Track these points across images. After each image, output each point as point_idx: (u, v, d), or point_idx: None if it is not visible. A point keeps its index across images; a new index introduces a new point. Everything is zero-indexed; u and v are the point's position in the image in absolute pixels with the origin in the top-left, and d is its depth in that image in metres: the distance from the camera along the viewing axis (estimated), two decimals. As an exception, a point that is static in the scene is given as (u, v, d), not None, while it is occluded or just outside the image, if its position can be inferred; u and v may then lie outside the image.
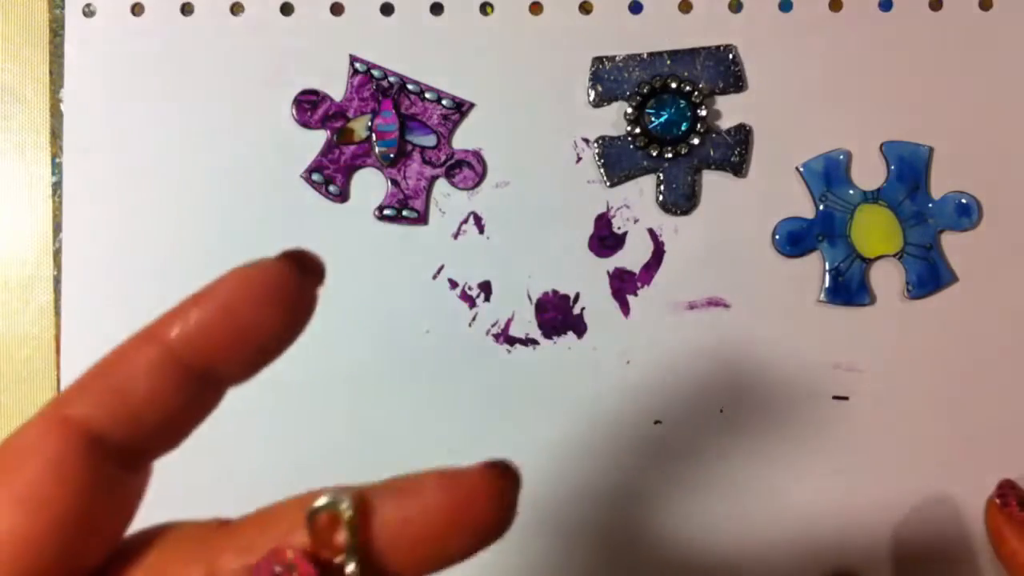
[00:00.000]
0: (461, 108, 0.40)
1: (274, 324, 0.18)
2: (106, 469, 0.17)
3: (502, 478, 0.17)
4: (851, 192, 0.40)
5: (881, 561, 0.39)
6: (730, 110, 0.40)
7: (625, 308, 0.40)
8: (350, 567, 0.16)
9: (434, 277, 0.40)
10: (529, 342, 0.40)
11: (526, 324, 0.40)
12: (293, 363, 0.39)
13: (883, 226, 0.39)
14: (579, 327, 0.40)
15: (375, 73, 0.40)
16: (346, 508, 0.16)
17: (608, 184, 0.40)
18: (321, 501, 0.16)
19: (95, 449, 0.17)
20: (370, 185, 0.40)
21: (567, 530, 0.39)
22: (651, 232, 0.40)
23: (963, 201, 0.39)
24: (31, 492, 0.17)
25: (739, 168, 0.40)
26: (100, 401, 0.18)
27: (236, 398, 0.42)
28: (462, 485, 0.17)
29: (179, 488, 0.39)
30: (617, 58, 0.40)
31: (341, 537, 0.16)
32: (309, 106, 0.40)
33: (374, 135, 0.39)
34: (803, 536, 0.39)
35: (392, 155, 0.39)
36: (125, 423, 0.17)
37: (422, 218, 0.40)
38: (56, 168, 0.40)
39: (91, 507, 0.17)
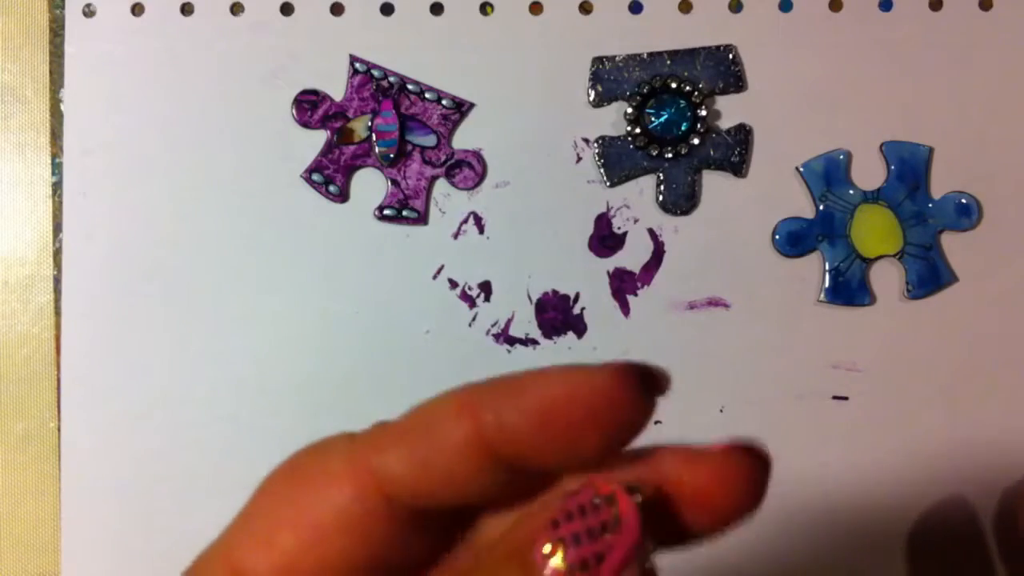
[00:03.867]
0: (461, 108, 0.40)
1: (593, 444, 0.16)
2: (388, 528, 0.17)
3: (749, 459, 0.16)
4: (851, 192, 0.40)
5: (881, 560, 0.39)
6: (730, 110, 0.40)
7: (625, 308, 0.40)
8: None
9: (434, 277, 0.40)
10: (529, 342, 0.40)
11: (526, 324, 0.40)
12: (293, 363, 0.40)
13: (883, 226, 0.39)
14: (579, 327, 0.40)
15: (375, 73, 0.40)
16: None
17: (608, 184, 0.40)
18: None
19: (384, 507, 0.16)
20: (370, 185, 0.40)
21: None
22: (651, 232, 0.40)
23: (963, 201, 0.39)
24: (313, 528, 0.16)
25: (739, 168, 0.40)
26: (407, 457, 0.16)
27: (237, 398, 0.42)
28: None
29: (179, 487, 0.39)
30: (617, 58, 0.40)
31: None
32: (309, 106, 0.40)
33: (374, 135, 0.39)
34: (803, 536, 0.39)
35: (392, 155, 0.39)
36: (423, 491, 0.16)
37: (422, 218, 0.40)
38: (56, 168, 0.40)
39: (369, 561, 0.17)
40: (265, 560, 0.16)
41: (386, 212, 0.40)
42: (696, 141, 0.39)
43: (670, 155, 0.39)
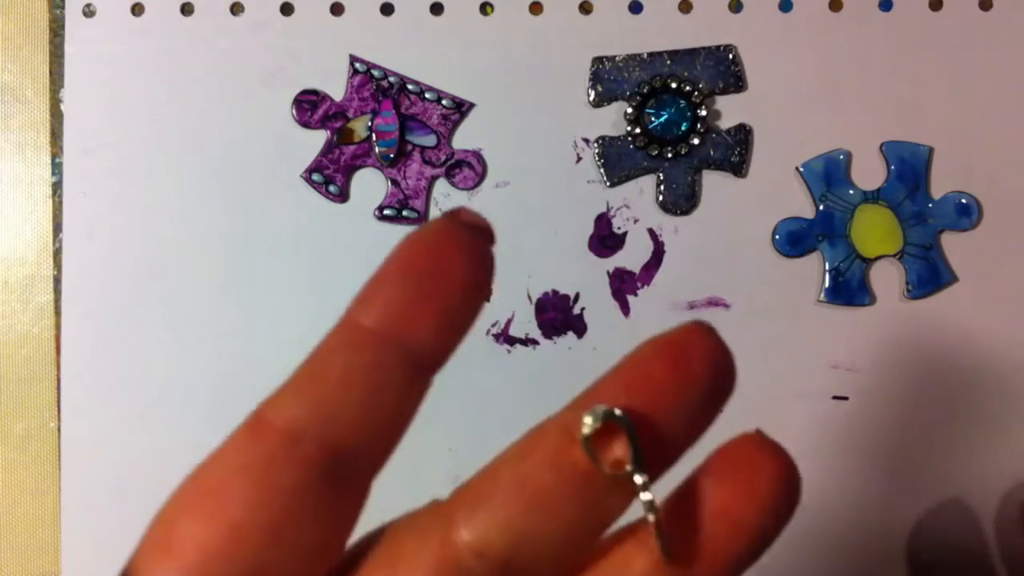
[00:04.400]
0: (461, 108, 0.40)
1: (454, 276, 0.16)
2: (308, 477, 0.16)
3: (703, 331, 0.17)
4: (851, 192, 0.40)
5: (881, 561, 0.39)
6: (730, 110, 0.40)
7: (625, 308, 0.40)
8: (640, 479, 0.15)
9: (434, 277, 0.40)
10: (529, 342, 0.40)
11: (526, 324, 0.40)
12: (294, 363, 0.39)
13: (883, 226, 0.39)
14: (579, 327, 0.40)
15: (375, 73, 0.40)
16: (617, 415, 0.15)
17: (608, 184, 0.40)
18: (591, 415, 0.15)
19: (294, 453, 0.16)
20: (370, 185, 0.40)
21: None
22: (651, 232, 0.40)
23: (963, 201, 0.39)
24: (217, 497, 0.16)
25: (739, 168, 0.40)
26: (296, 395, 0.17)
27: (236, 398, 0.42)
28: (683, 349, 0.16)
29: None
30: (617, 58, 0.40)
31: (618, 451, 0.15)
32: (309, 106, 0.40)
33: (374, 135, 0.39)
34: (802, 536, 0.39)
35: (392, 155, 0.39)
36: (323, 414, 0.16)
37: (422, 218, 0.40)
38: (56, 168, 0.40)
39: (292, 518, 0.16)
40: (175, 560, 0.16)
41: (386, 212, 0.40)
42: (696, 141, 0.39)
43: (670, 155, 0.39)
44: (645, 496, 0.15)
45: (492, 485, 0.16)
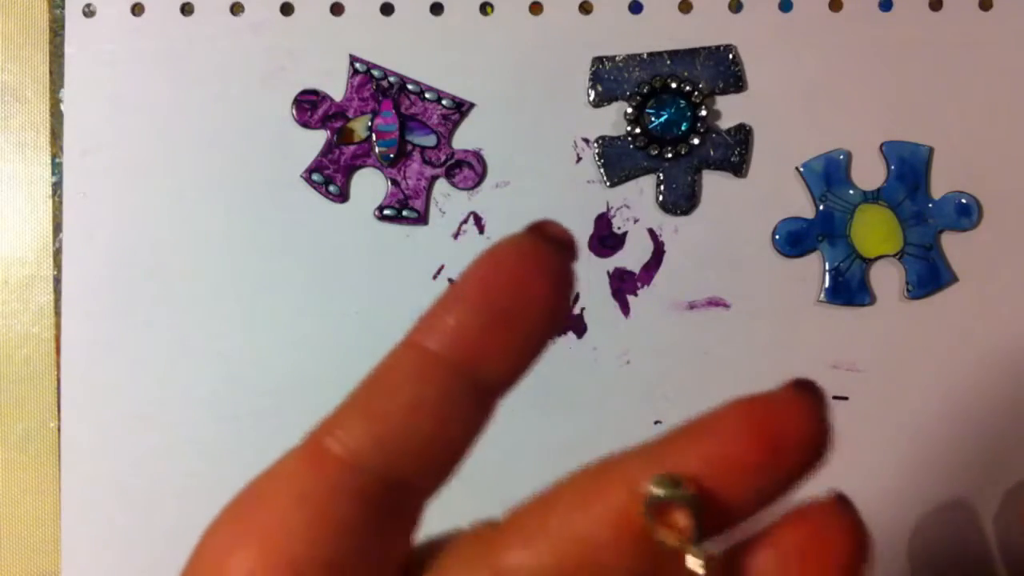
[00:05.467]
0: (461, 108, 0.40)
1: (534, 304, 0.15)
2: (368, 509, 0.15)
3: (809, 396, 0.15)
4: (851, 192, 0.40)
5: (881, 562, 0.39)
6: (730, 110, 0.40)
7: (625, 308, 0.40)
8: (695, 562, 0.14)
9: (434, 277, 0.40)
10: (529, 342, 0.40)
11: (526, 324, 0.39)
12: (293, 363, 0.40)
13: (883, 226, 0.39)
14: (579, 327, 0.40)
15: (375, 73, 0.40)
16: (685, 494, 0.14)
17: (608, 184, 0.40)
18: (658, 488, 0.14)
19: (354, 484, 0.15)
20: (370, 185, 0.40)
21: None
22: (651, 232, 0.40)
23: (963, 201, 0.39)
24: (276, 530, 0.15)
25: (739, 168, 0.40)
26: (359, 422, 0.16)
27: (236, 398, 0.42)
28: (773, 420, 0.14)
29: (179, 487, 0.39)
30: (617, 58, 0.40)
31: (681, 522, 0.14)
32: (309, 106, 0.40)
33: (374, 135, 0.39)
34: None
35: (392, 155, 0.39)
36: (387, 445, 0.15)
37: (422, 218, 0.40)
38: (56, 168, 0.40)
39: (350, 553, 0.15)
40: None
41: (386, 212, 0.40)
42: (696, 141, 0.39)
43: (670, 155, 0.39)
44: (699, 571, 0.14)
45: (545, 525, 0.15)
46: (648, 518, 0.14)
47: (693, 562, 0.14)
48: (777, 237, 0.39)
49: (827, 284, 0.39)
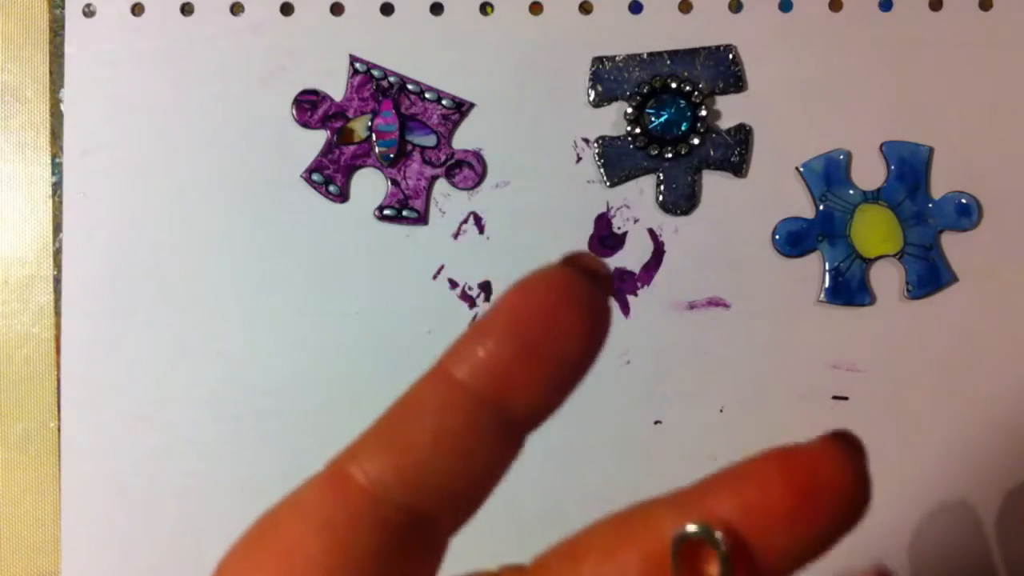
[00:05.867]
0: (461, 108, 0.40)
1: (566, 337, 0.15)
2: (390, 540, 0.15)
3: (848, 449, 0.14)
4: (851, 192, 0.40)
5: (880, 560, 0.39)
6: (730, 110, 0.40)
7: (625, 308, 0.40)
8: None
9: (434, 277, 0.40)
10: (529, 342, 0.40)
11: (526, 324, 0.39)
12: (293, 363, 0.39)
13: (883, 226, 0.39)
14: (579, 327, 0.40)
15: (375, 73, 0.40)
16: (719, 541, 0.14)
17: (608, 184, 0.40)
18: (692, 529, 0.14)
19: (377, 514, 0.15)
20: (370, 185, 0.40)
21: (567, 530, 0.39)
22: (651, 232, 0.40)
23: (963, 201, 0.39)
24: (295, 557, 0.15)
25: (739, 168, 0.40)
26: (382, 451, 0.15)
27: (236, 398, 0.42)
28: (809, 469, 0.14)
29: (179, 487, 0.39)
30: (617, 58, 0.40)
31: (711, 571, 0.14)
32: (309, 106, 0.40)
33: (374, 135, 0.39)
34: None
35: (392, 155, 0.39)
36: (410, 475, 0.15)
37: (422, 218, 0.40)
38: (56, 168, 0.40)
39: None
40: None
41: (386, 212, 0.40)
42: (696, 141, 0.39)
43: (670, 155, 0.39)
44: None
45: (575, 573, 0.15)
46: (675, 565, 0.14)
47: None
48: (777, 237, 0.39)
49: (827, 284, 0.39)
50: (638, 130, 0.39)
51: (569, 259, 0.15)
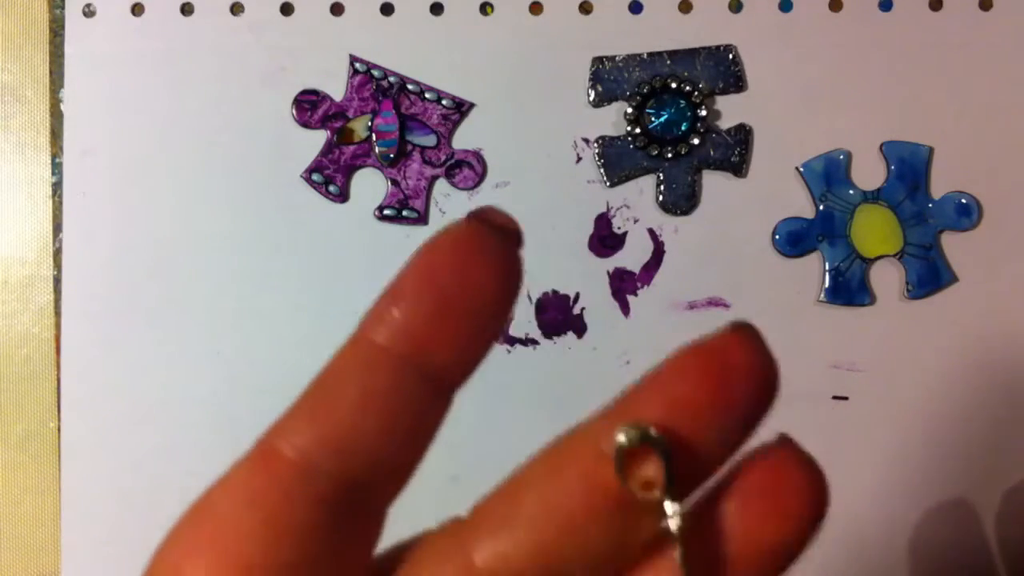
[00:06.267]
0: (461, 108, 0.40)
1: (478, 291, 0.15)
2: (322, 512, 0.15)
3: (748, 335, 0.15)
4: (851, 192, 0.40)
5: (881, 562, 0.39)
6: (730, 110, 0.40)
7: (625, 308, 0.40)
8: (671, 508, 0.14)
9: (434, 277, 0.40)
10: (529, 342, 0.40)
11: (526, 324, 0.40)
12: (293, 363, 0.39)
13: (883, 226, 0.39)
14: (579, 327, 0.40)
15: (375, 73, 0.40)
16: (659, 439, 0.14)
17: (608, 184, 0.40)
18: (624, 435, 0.14)
19: (307, 487, 0.15)
20: (370, 185, 0.40)
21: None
22: (651, 232, 0.40)
23: (963, 201, 0.39)
24: (228, 535, 0.15)
25: (739, 168, 0.40)
26: (308, 423, 0.15)
27: (236, 398, 0.42)
28: (720, 360, 0.15)
29: (179, 487, 0.39)
30: (617, 58, 0.40)
31: (651, 471, 0.14)
32: (309, 106, 0.40)
33: (374, 135, 0.39)
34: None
35: (392, 155, 0.39)
36: (339, 442, 0.15)
37: (422, 218, 0.40)
38: (56, 168, 0.40)
39: (306, 556, 0.15)
40: None
41: (386, 212, 0.40)
42: (696, 141, 0.39)
43: (670, 155, 0.39)
44: (673, 524, 0.14)
45: (517, 506, 0.15)
46: (619, 473, 0.14)
47: (669, 508, 0.14)
48: (777, 237, 0.39)
49: (827, 284, 0.39)
50: (638, 130, 0.39)
51: (475, 214, 0.16)
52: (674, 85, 0.39)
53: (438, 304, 0.15)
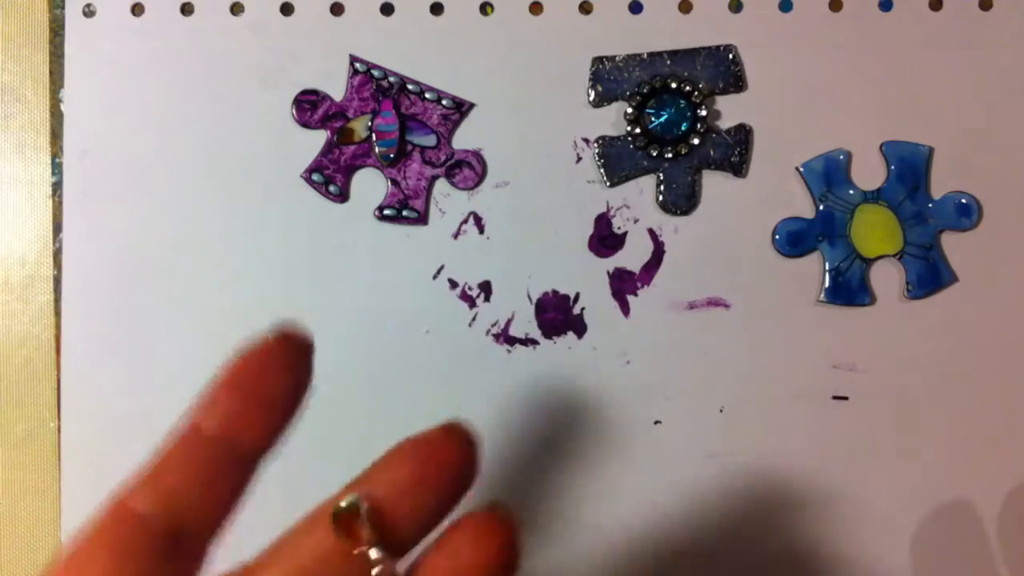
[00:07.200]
0: (461, 108, 0.40)
1: (276, 387, 0.21)
2: (157, 549, 0.20)
3: (458, 437, 0.20)
4: (851, 192, 0.40)
5: (881, 560, 0.39)
6: (730, 110, 0.40)
7: (625, 308, 0.40)
8: (375, 554, 0.19)
9: (434, 277, 0.40)
10: (529, 342, 0.40)
11: (526, 324, 0.40)
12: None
13: (883, 226, 0.39)
14: (579, 327, 0.40)
15: (375, 73, 0.40)
16: (362, 503, 0.19)
17: (608, 184, 0.40)
18: (344, 502, 0.19)
19: (146, 532, 0.20)
20: (370, 185, 0.40)
21: (566, 529, 0.39)
22: (651, 232, 0.40)
23: (963, 201, 0.39)
24: (90, 569, 0.20)
25: (739, 168, 0.40)
26: (150, 489, 0.21)
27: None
28: (427, 451, 0.20)
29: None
30: (617, 58, 0.40)
31: (364, 533, 0.19)
32: (309, 106, 0.40)
33: (374, 135, 0.39)
34: (803, 536, 0.39)
35: (392, 155, 0.39)
36: (171, 506, 0.20)
37: (422, 218, 0.40)
38: (56, 168, 0.40)
39: None
40: None
41: (386, 212, 0.40)
42: (696, 141, 0.39)
43: (670, 155, 0.39)
44: (375, 571, 0.19)
45: (279, 552, 0.20)
46: (336, 532, 0.19)
47: (374, 556, 0.19)
48: (777, 237, 0.39)
49: (827, 284, 0.39)
50: (638, 130, 0.39)
51: (275, 329, 0.21)
52: (674, 85, 0.39)
53: (246, 400, 0.21)
